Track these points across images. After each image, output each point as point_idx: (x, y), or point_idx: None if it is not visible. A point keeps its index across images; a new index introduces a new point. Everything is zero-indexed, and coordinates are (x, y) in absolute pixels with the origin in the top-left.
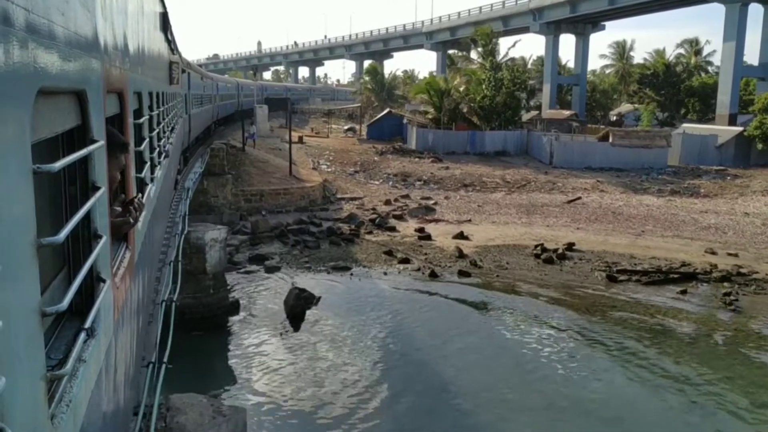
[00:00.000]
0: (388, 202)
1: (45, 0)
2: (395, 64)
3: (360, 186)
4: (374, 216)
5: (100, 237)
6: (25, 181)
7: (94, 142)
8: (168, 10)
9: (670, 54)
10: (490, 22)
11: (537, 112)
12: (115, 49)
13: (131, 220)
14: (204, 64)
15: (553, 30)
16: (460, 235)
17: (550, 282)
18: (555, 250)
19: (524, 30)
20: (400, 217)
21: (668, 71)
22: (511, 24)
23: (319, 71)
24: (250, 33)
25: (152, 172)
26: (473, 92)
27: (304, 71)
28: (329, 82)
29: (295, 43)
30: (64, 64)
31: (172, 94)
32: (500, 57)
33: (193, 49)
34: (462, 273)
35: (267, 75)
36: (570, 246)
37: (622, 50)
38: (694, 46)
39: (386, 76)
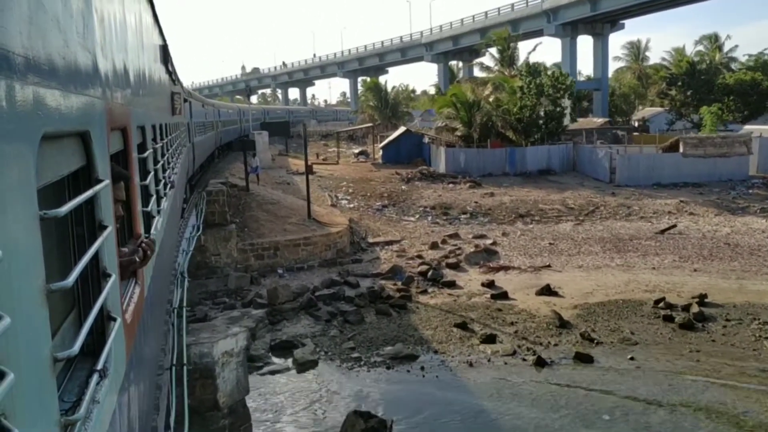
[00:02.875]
0: (434, 246)
1: (45, 46)
2: (390, 80)
3: (393, 225)
4: (424, 267)
5: (110, 276)
6: (32, 227)
7: (99, 181)
8: (168, 42)
9: (690, 52)
10: (498, 27)
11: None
12: (116, 87)
13: (136, 259)
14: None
15: (569, 32)
16: (547, 290)
17: (711, 365)
18: (686, 308)
19: (537, 34)
20: (455, 266)
21: (693, 69)
22: (521, 28)
23: (295, 93)
24: (234, 56)
25: (159, 205)
26: (506, 103)
27: (293, 93)
28: (316, 103)
29: (284, 63)
30: (67, 108)
31: (175, 125)
32: (519, 63)
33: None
34: (580, 357)
35: (253, 99)
36: (701, 299)
37: (636, 51)
38: (713, 42)
39: (389, 91)
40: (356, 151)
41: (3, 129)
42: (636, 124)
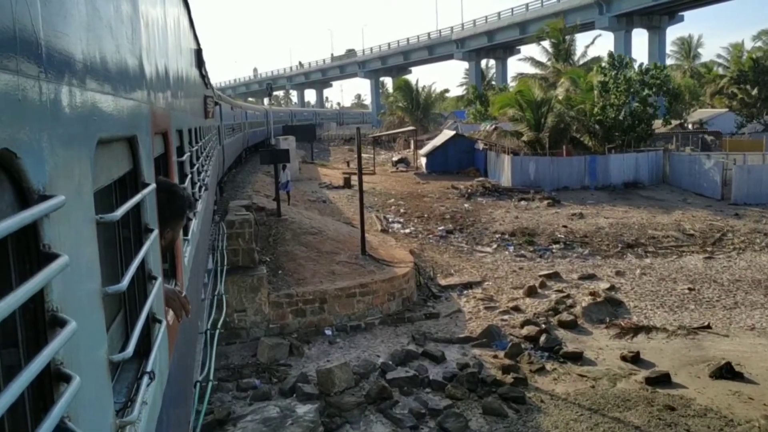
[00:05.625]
0: (532, 291)
1: (101, 52)
2: (414, 80)
3: (465, 258)
4: (531, 328)
5: (155, 278)
6: (90, 232)
7: (145, 185)
8: (202, 47)
9: (748, 48)
10: (541, 20)
11: None
12: (159, 91)
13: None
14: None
15: (624, 24)
16: (728, 371)
17: None
18: None
19: (587, 27)
20: (573, 325)
21: (757, 66)
22: (567, 21)
23: (312, 95)
24: (246, 57)
25: (194, 207)
26: (579, 101)
27: (309, 95)
28: (328, 105)
29: (300, 63)
30: (118, 113)
31: (208, 128)
32: (577, 57)
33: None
34: None
35: (266, 101)
36: None
37: (687, 48)
38: None
39: (420, 91)
40: (394, 158)
41: (66, 135)
42: (691, 127)
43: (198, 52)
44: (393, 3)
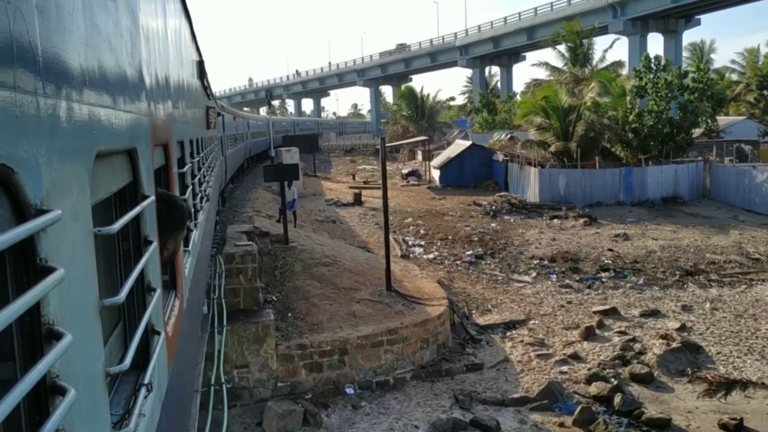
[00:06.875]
0: (589, 333)
1: (99, 66)
2: (416, 88)
3: (501, 289)
4: (599, 384)
5: (154, 290)
6: (87, 245)
7: (145, 197)
8: (204, 58)
9: (764, 52)
10: (550, 25)
11: None
12: (159, 103)
13: None
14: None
15: (639, 29)
16: None
17: None
18: None
19: (600, 31)
20: (646, 379)
21: None
22: (581, 25)
23: (308, 104)
24: (242, 65)
25: (195, 218)
26: (611, 108)
27: (306, 104)
28: (323, 115)
29: (297, 71)
30: (118, 126)
31: (210, 138)
32: (595, 62)
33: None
34: None
35: (262, 111)
36: None
37: (700, 53)
38: None
39: (425, 99)
40: (404, 171)
41: (64, 149)
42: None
43: (200, 64)
44: (392, 10)
